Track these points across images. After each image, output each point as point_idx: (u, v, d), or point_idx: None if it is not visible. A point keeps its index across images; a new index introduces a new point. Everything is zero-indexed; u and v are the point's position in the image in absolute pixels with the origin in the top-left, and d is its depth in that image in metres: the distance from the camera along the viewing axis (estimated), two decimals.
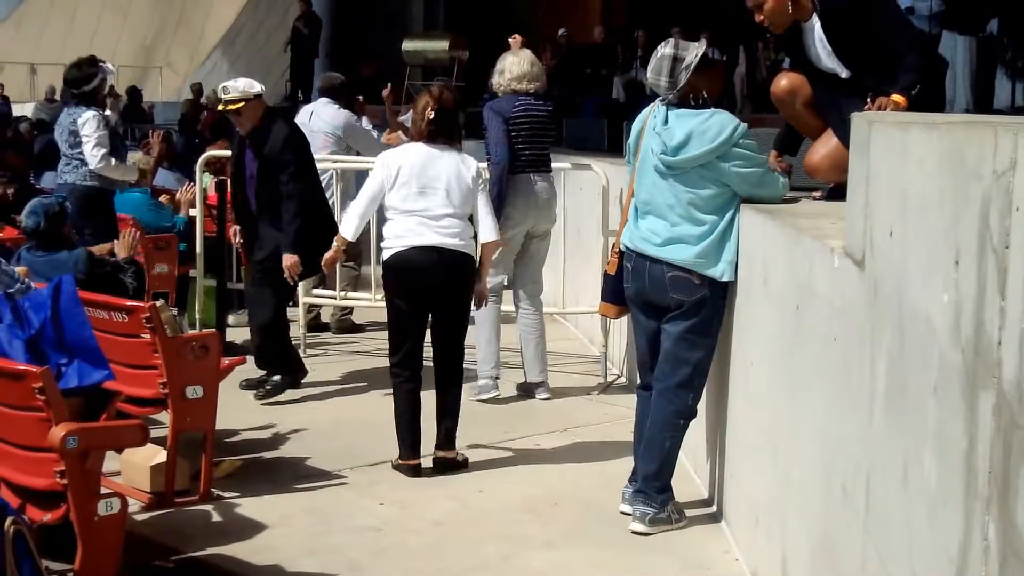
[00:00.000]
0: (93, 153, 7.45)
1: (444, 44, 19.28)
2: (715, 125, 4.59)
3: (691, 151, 4.58)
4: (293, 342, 7.14)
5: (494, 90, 6.90)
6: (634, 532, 4.73)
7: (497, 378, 6.71)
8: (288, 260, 6.62)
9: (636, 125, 4.90)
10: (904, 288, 2.66)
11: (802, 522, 3.67)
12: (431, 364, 5.60)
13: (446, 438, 5.55)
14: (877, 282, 2.88)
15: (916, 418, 2.55)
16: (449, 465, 5.52)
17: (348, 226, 5.63)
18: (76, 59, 8.09)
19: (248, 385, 6.87)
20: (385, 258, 5.50)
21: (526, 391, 6.82)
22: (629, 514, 4.82)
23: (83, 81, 7.60)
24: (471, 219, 5.56)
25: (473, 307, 5.70)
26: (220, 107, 6.88)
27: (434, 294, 5.46)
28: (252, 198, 6.87)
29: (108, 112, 7.85)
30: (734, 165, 4.59)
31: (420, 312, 5.49)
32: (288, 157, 6.71)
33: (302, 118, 8.51)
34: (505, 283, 6.97)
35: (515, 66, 6.73)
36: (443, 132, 5.52)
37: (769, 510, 4.11)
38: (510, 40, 7.10)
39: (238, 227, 7.12)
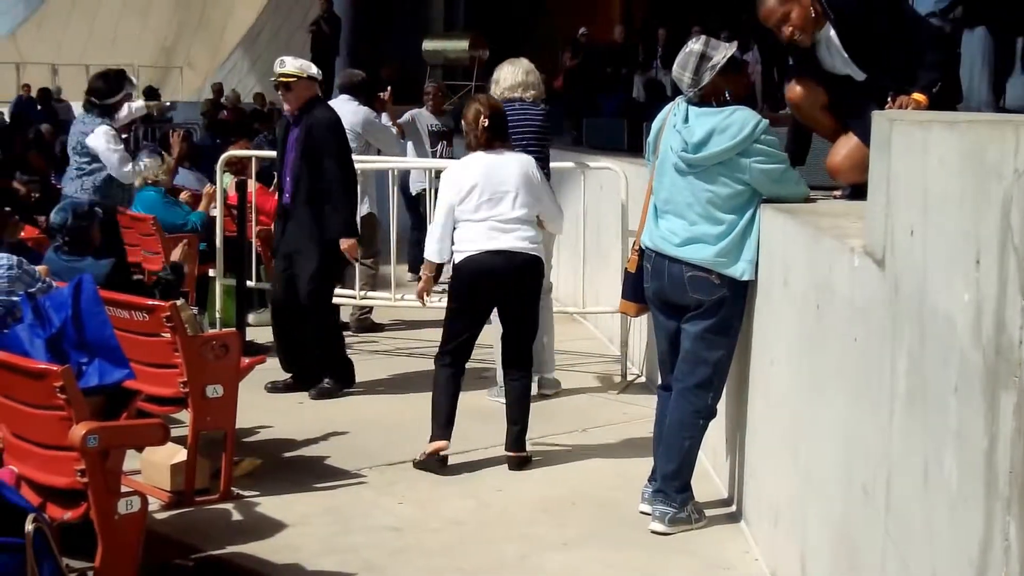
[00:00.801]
0: (122, 169, 7.54)
1: (464, 44, 19.30)
2: (736, 121, 4.57)
3: (712, 148, 4.56)
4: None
5: None
6: (653, 532, 4.72)
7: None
8: (346, 243, 6.68)
9: (656, 123, 4.89)
10: (925, 287, 2.65)
11: (822, 522, 3.65)
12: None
13: (518, 439, 5.62)
14: (898, 281, 2.87)
15: (937, 418, 2.54)
16: (521, 463, 5.58)
17: (432, 249, 5.65)
18: (105, 69, 8.12)
19: (274, 388, 6.88)
20: (457, 261, 5.57)
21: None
22: (648, 514, 4.81)
23: (107, 94, 7.63)
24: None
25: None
26: (272, 79, 6.93)
27: (503, 296, 5.57)
28: (289, 182, 6.85)
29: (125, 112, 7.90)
30: (755, 161, 4.57)
31: (483, 313, 5.63)
32: (333, 139, 6.77)
33: None
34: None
35: (509, 76, 6.69)
36: (498, 136, 5.63)
37: (789, 510, 4.10)
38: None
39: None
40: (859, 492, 3.20)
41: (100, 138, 7.48)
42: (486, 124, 5.58)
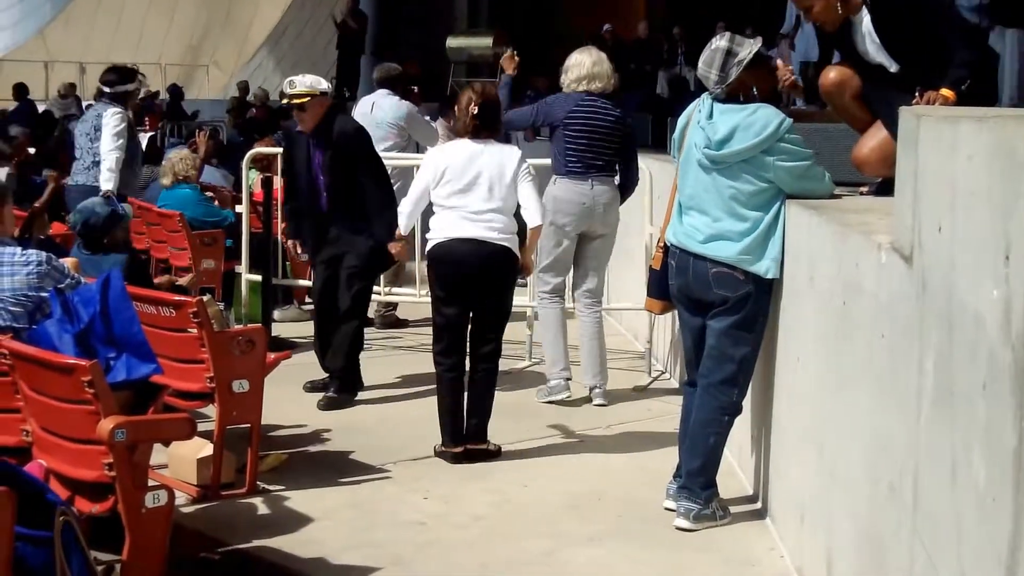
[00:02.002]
0: (109, 148, 7.53)
1: (488, 41, 19.28)
2: (760, 119, 4.56)
3: (735, 145, 4.55)
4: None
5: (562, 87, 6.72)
6: (678, 528, 4.72)
7: (569, 379, 6.56)
8: (395, 247, 6.46)
9: (682, 120, 4.87)
10: (953, 284, 2.64)
11: (848, 520, 3.64)
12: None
13: (476, 430, 5.61)
14: (925, 278, 2.86)
15: (965, 415, 2.53)
16: (479, 456, 5.57)
17: (401, 222, 5.89)
18: (119, 65, 8.28)
19: (313, 387, 6.79)
20: (428, 249, 5.62)
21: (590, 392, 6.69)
22: (673, 510, 4.81)
23: (119, 82, 7.73)
24: (517, 214, 5.64)
25: (536, 298, 6.01)
26: (284, 100, 6.78)
27: (473, 285, 5.56)
28: (324, 195, 6.72)
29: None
30: (779, 159, 4.56)
31: (461, 302, 5.60)
32: (364, 149, 6.69)
33: (363, 108, 8.60)
34: (565, 284, 6.81)
35: (578, 67, 6.56)
36: (487, 126, 5.63)
37: (815, 507, 4.09)
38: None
39: (288, 227, 7.08)
40: (885, 490, 3.18)
41: (113, 119, 7.59)
42: (475, 112, 5.57)
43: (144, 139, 9.49)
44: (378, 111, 8.51)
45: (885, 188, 4.64)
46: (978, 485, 2.43)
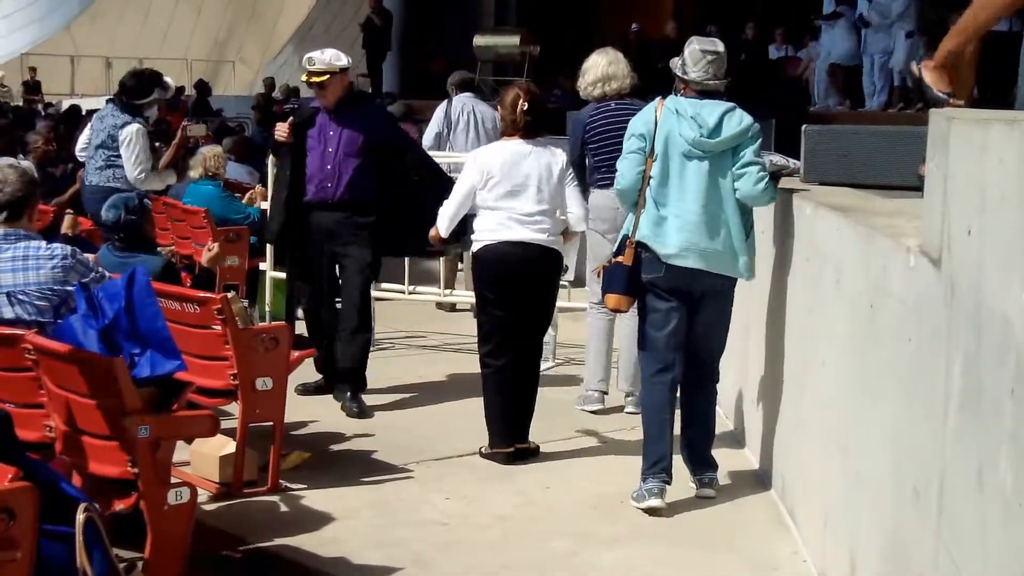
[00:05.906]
0: (136, 170, 7.59)
1: (515, 40, 19.26)
2: (738, 113, 4.94)
3: (725, 132, 4.87)
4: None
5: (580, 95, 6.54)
6: (704, 498, 5.01)
7: (605, 392, 6.43)
8: (435, 230, 5.92)
9: (646, 119, 5.02)
10: (981, 287, 2.61)
11: (872, 524, 3.61)
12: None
13: (520, 430, 5.62)
14: (954, 281, 2.83)
15: (992, 420, 2.51)
16: (522, 454, 5.58)
17: (442, 225, 5.68)
18: (140, 69, 8.33)
19: (305, 390, 6.60)
20: (475, 250, 5.59)
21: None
22: (657, 509, 4.87)
23: (137, 94, 7.76)
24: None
25: (588, 314, 6.11)
26: (304, 78, 6.51)
27: (521, 286, 5.54)
28: (342, 181, 6.33)
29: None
30: (754, 152, 4.91)
31: (509, 303, 5.56)
32: (400, 136, 6.50)
33: (457, 109, 9.07)
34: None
35: (592, 69, 6.36)
36: (535, 125, 5.58)
37: (838, 511, 4.06)
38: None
39: (270, 226, 6.77)
40: (910, 494, 3.16)
41: (130, 134, 7.59)
42: (524, 108, 5.51)
43: None
44: (478, 114, 9.04)
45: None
46: (1005, 490, 2.41)
